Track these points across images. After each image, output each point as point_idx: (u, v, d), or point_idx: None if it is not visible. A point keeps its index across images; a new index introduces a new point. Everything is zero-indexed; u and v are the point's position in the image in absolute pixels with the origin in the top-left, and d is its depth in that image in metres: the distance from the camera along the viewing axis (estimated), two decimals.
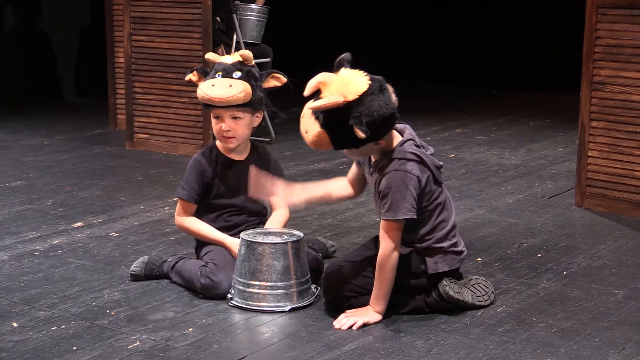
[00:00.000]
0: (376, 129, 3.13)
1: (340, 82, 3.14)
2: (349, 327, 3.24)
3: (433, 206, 3.33)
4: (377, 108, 3.11)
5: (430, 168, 3.30)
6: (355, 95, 3.10)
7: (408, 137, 3.31)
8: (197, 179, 3.66)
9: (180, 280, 3.64)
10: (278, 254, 3.39)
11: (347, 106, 3.09)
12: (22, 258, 4.02)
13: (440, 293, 3.35)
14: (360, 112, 3.09)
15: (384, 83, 3.20)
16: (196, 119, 6.05)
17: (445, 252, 3.36)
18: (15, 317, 3.36)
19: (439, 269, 3.36)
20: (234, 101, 3.55)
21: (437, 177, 3.33)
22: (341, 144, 3.20)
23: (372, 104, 3.11)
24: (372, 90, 3.13)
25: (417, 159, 3.26)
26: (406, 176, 3.22)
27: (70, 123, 7.31)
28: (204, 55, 5.87)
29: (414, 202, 3.22)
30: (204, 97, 3.58)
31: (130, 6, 6.18)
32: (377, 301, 3.30)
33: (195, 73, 3.71)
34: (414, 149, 3.28)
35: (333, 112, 3.11)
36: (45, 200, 4.99)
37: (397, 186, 3.20)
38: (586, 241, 4.30)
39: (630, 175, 4.66)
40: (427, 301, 3.38)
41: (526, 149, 6.37)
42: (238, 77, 3.58)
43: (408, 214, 3.21)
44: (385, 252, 3.24)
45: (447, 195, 3.42)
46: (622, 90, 4.63)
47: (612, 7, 4.62)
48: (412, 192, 3.21)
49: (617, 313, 3.41)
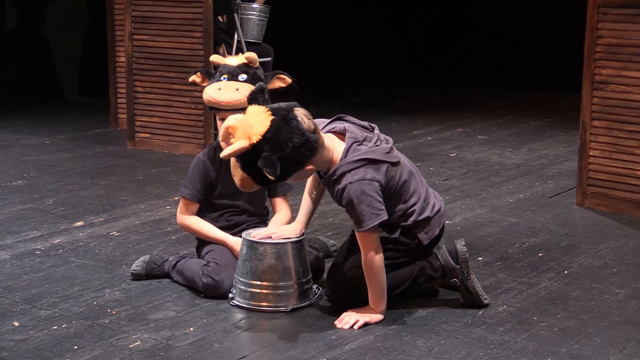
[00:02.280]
0: (294, 159, 3.13)
1: (245, 124, 3.13)
2: (350, 326, 3.24)
3: (400, 186, 3.33)
4: (286, 140, 3.09)
5: (382, 160, 3.27)
6: (259, 135, 3.09)
7: (349, 143, 3.27)
8: (201, 179, 3.67)
9: (182, 279, 3.64)
10: (280, 254, 3.39)
11: (254, 148, 3.09)
12: (23, 257, 4.02)
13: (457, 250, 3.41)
14: (269, 151, 3.07)
15: (290, 113, 3.15)
16: (197, 119, 6.05)
17: (430, 218, 3.39)
18: (17, 316, 3.36)
19: (432, 236, 3.40)
20: (241, 104, 3.55)
21: (391, 161, 3.31)
22: (266, 183, 3.19)
23: (279, 138, 3.09)
24: (275, 126, 3.10)
25: (365, 162, 3.24)
26: (362, 184, 3.20)
27: (71, 122, 7.31)
28: (205, 54, 5.90)
29: (379, 205, 3.22)
30: (210, 100, 3.57)
31: (131, 5, 6.18)
32: (376, 302, 3.31)
33: (199, 74, 3.71)
34: (358, 153, 3.24)
35: (245, 156, 3.11)
36: (46, 199, 4.99)
37: (357, 197, 3.20)
38: (587, 240, 4.30)
39: (631, 174, 4.66)
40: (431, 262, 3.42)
41: (527, 149, 6.37)
42: (244, 80, 3.59)
43: (378, 219, 3.21)
44: (368, 257, 3.26)
45: (407, 163, 3.40)
46: (623, 90, 4.63)
47: (614, 7, 4.61)
48: (373, 196, 3.21)
49: (618, 312, 3.41)
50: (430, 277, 3.44)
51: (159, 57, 6.14)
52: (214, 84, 3.61)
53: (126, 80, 6.34)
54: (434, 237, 3.43)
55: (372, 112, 7.32)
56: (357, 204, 3.19)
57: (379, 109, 7.78)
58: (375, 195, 3.21)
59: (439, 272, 3.43)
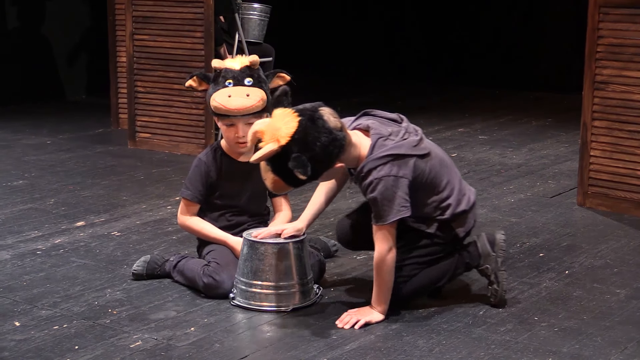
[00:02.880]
0: (323, 158, 3.16)
1: (272, 127, 3.16)
2: (351, 326, 3.24)
3: (431, 177, 3.34)
4: (314, 140, 3.13)
5: (408, 154, 3.28)
6: (287, 137, 3.12)
7: (375, 138, 3.28)
8: (202, 179, 3.66)
9: (183, 279, 3.64)
10: (280, 254, 3.39)
11: (284, 150, 3.12)
12: (24, 257, 4.02)
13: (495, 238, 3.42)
14: (298, 152, 3.10)
15: (316, 113, 3.19)
16: (198, 119, 6.06)
17: (465, 212, 3.41)
18: (18, 316, 3.36)
19: (467, 229, 3.44)
20: (253, 110, 3.55)
21: (419, 154, 3.31)
22: (298, 183, 3.22)
23: (307, 139, 3.13)
24: (302, 127, 3.14)
25: (391, 157, 3.25)
26: (387, 181, 3.22)
27: (72, 122, 7.31)
28: (206, 54, 5.90)
29: (403, 201, 3.23)
30: (221, 108, 3.54)
31: (132, 5, 6.18)
32: (379, 302, 3.30)
33: (196, 79, 3.65)
34: (384, 149, 3.26)
35: (276, 159, 3.15)
36: (47, 199, 4.99)
37: (381, 194, 3.22)
38: (588, 240, 4.30)
39: (632, 174, 4.66)
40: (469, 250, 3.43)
41: (528, 149, 6.36)
42: (250, 85, 3.57)
43: (399, 215, 3.23)
44: (381, 254, 3.26)
45: (438, 153, 3.41)
46: (624, 90, 4.63)
47: (615, 7, 4.61)
48: (397, 192, 3.22)
49: (619, 312, 3.41)
50: (468, 266, 3.45)
51: (160, 57, 6.14)
52: (221, 90, 3.55)
53: (127, 80, 6.34)
54: (469, 230, 3.45)
55: None
56: (380, 200, 3.21)
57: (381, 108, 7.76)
58: (399, 191, 3.23)
59: (475, 260, 3.43)
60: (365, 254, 4.05)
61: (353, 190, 5.17)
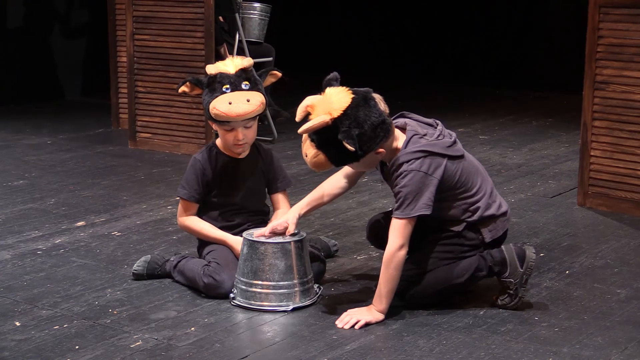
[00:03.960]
0: (369, 138, 3.21)
1: (324, 101, 3.22)
2: (351, 326, 3.24)
3: (462, 180, 3.36)
4: (365, 118, 3.19)
5: (441, 154, 3.31)
6: (339, 111, 3.18)
7: (410, 134, 3.34)
8: (197, 178, 3.66)
9: (183, 279, 3.65)
10: (280, 253, 3.39)
11: (334, 123, 3.18)
12: (25, 257, 4.02)
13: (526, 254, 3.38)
14: (348, 126, 3.16)
15: (369, 94, 3.27)
16: (198, 118, 6.05)
17: (495, 217, 3.42)
18: (18, 316, 3.36)
19: (495, 235, 3.43)
20: (254, 114, 3.55)
21: (452, 155, 3.35)
22: (340, 161, 3.27)
23: (359, 115, 3.19)
24: (355, 103, 3.21)
25: (424, 153, 3.28)
26: (416, 175, 3.26)
27: (72, 122, 7.32)
28: (206, 54, 5.90)
29: (427, 199, 3.25)
30: (223, 116, 3.53)
31: (132, 5, 6.18)
32: (380, 300, 3.30)
33: (188, 84, 3.61)
34: (418, 144, 3.30)
35: (324, 132, 3.20)
36: (47, 199, 4.99)
37: (408, 185, 3.25)
38: (589, 241, 4.30)
39: (632, 174, 4.66)
40: (493, 255, 3.41)
41: (529, 149, 6.36)
42: (248, 89, 3.56)
43: (420, 211, 3.24)
44: (393, 248, 3.26)
45: (472, 159, 3.45)
46: (624, 90, 4.63)
47: (615, 7, 4.61)
48: (424, 189, 3.25)
49: (619, 312, 3.41)
50: (491, 270, 3.41)
51: (161, 57, 6.14)
52: (220, 97, 3.52)
53: (127, 80, 6.34)
54: (497, 238, 3.44)
55: None
56: (405, 192, 3.24)
57: None
58: (426, 189, 3.26)
59: (498, 265, 3.40)
60: (366, 254, 4.05)
61: (354, 191, 5.17)
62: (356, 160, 3.29)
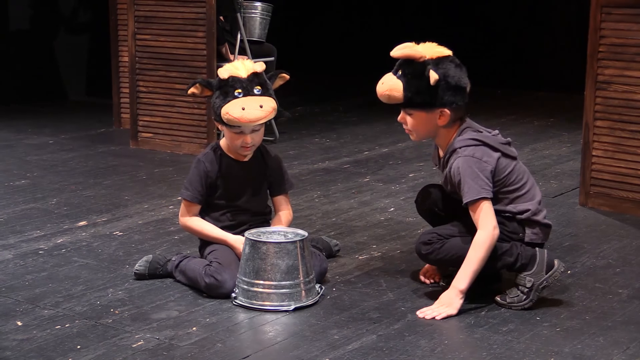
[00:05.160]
0: (447, 95, 3.36)
1: (427, 45, 3.42)
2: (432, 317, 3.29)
3: (513, 180, 3.43)
4: (454, 74, 3.37)
5: (494, 147, 3.40)
6: (438, 54, 3.38)
7: (464, 126, 3.44)
8: (201, 180, 3.66)
9: (184, 279, 3.65)
10: (282, 253, 3.39)
11: (426, 62, 3.35)
12: (27, 257, 4.02)
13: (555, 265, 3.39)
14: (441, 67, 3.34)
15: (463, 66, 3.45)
16: (200, 118, 6.06)
17: (540, 224, 3.46)
18: (20, 315, 3.36)
19: (535, 240, 3.46)
20: (266, 119, 3.56)
21: (506, 152, 3.43)
22: (412, 96, 3.36)
23: (450, 69, 3.37)
24: (452, 59, 3.41)
25: (478, 142, 3.37)
26: (470, 160, 3.33)
27: (74, 122, 7.32)
28: (208, 54, 5.90)
29: (484, 184, 3.31)
30: (236, 121, 3.52)
31: (134, 5, 6.18)
32: (464, 279, 3.32)
33: (198, 86, 3.60)
34: (472, 134, 3.41)
35: (412, 64, 3.37)
36: (49, 199, 4.99)
37: (464, 170, 3.32)
38: (590, 240, 4.29)
39: (634, 174, 4.65)
40: (526, 248, 3.42)
41: (530, 149, 6.36)
42: (260, 94, 3.55)
43: (484, 193, 3.30)
44: (487, 231, 3.30)
45: (524, 168, 3.54)
46: (626, 90, 4.63)
47: (617, 7, 4.61)
48: (479, 174, 3.31)
49: (621, 312, 3.40)
50: (516, 259, 3.40)
51: (162, 57, 6.14)
52: (233, 102, 3.50)
53: (129, 80, 6.35)
54: (534, 244, 3.46)
55: (374, 113, 7.32)
56: (462, 176, 3.32)
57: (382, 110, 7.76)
58: (481, 174, 3.32)
59: (524, 259, 3.40)
60: (368, 254, 4.05)
61: (355, 190, 5.17)
62: (423, 109, 3.38)
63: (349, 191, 5.18)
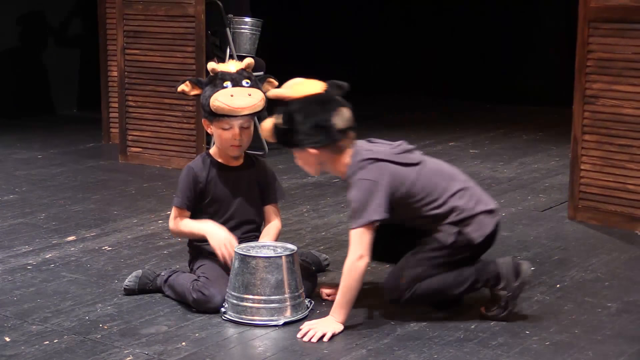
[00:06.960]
0: (306, 134, 3.33)
1: (302, 82, 3.40)
2: (318, 339, 3.23)
3: (425, 185, 3.38)
4: (313, 114, 3.33)
5: (387, 160, 3.35)
6: (301, 94, 3.36)
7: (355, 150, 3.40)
8: (189, 185, 3.67)
9: (173, 294, 3.64)
10: (272, 267, 3.38)
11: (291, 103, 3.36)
12: (15, 272, 4.01)
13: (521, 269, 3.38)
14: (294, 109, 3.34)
15: (338, 105, 3.37)
16: (189, 133, 6.06)
17: (475, 215, 3.39)
18: (8, 331, 3.35)
19: (483, 233, 3.39)
20: (256, 109, 3.58)
21: (403, 162, 3.38)
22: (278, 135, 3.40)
23: (310, 109, 3.34)
24: (316, 98, 3.36)
25: (369, 160, 3.34)
26: (362, 183, 3.31)
27: (63, 137, 7.31)
28: (197, 69, 5.90)
29: (376, 206, 3.27)
30: (224, 108, 3.55)
31: (123, 20, 6.19)
32: (339, 311, 3.32)
33: (188, 83, 3.68)
34: (362, 155, 3.37)
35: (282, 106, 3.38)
36: (38, 214, 4.98)
37: (355, 195, 3.31)
38: (579, 254, 4.30)
39: (622, 188, 4.67)
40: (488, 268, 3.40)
41: (519, 162, 6.38)
42: (249, 86, 3.59)
43: (370, 217, 3.27)
44: (352, 260, 3.30)
45: (434, 163, 3.49)
46: (614, 104, 4.65)
47: (604, 21, 4.64)
48: (372, 195, 3.28)
49: (610, 326, 3.41)
50: (486, 283, 3.41)
51: (151, 72, 6.15)
52: (221, 91, 3.56)
53: (118, 95, 6.35)
54: (487, 236, 3.40)
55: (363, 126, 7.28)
56: (354, 201, 3.30)
57: (371, 123, 7.78)
58: (374, 195, 3.29)
59: (493, 280, 3.40)
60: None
61: (345, 204, 5.17)
62: (290, 147, 3.42)
63: (339, 205, 5.18)
